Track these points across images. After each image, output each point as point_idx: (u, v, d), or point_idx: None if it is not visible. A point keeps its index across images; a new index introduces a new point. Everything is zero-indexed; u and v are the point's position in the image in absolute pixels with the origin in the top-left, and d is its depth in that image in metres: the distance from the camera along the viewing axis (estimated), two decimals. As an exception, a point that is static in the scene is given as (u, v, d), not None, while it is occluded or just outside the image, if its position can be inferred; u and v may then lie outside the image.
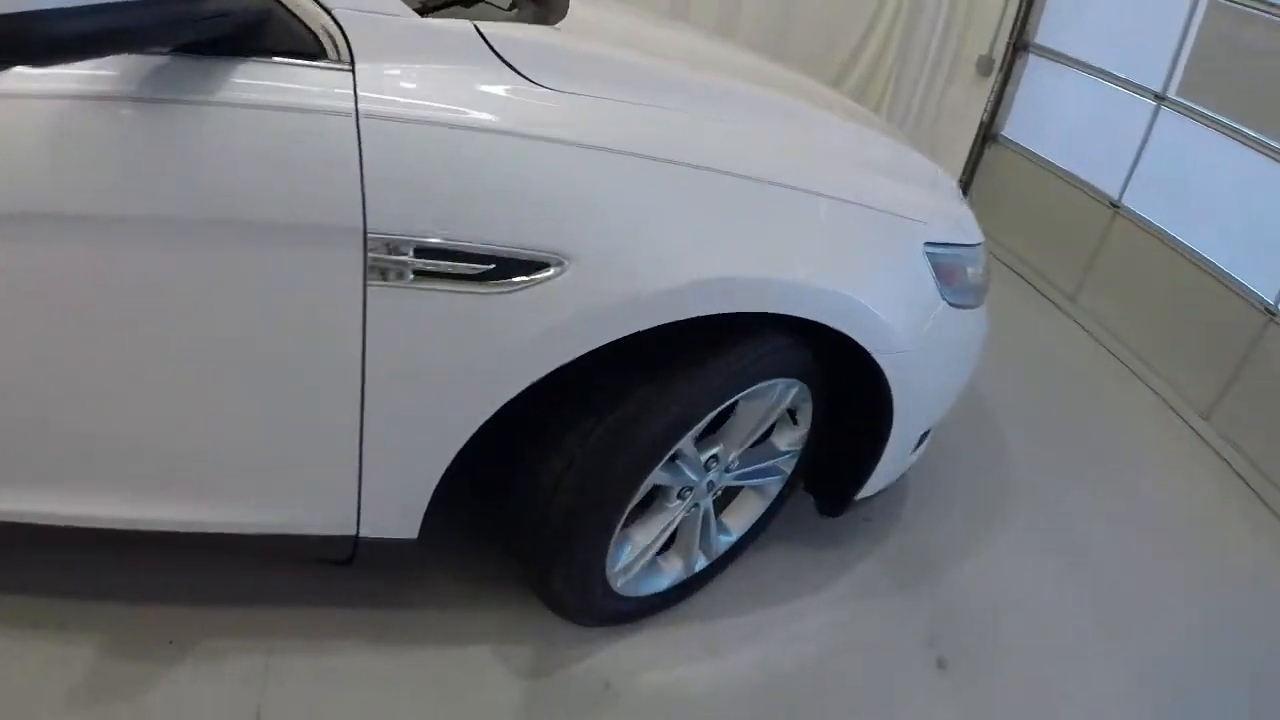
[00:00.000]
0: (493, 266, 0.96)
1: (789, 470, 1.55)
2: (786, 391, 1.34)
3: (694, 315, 1.06)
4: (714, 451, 1.35)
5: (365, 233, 0.91)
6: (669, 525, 1.39)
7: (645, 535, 1.37)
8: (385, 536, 1.18)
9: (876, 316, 1.24)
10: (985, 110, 3.74)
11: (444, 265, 0.95)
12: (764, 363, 1.22)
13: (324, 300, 0.96)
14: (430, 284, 0.96)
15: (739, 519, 1.58)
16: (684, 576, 1.50)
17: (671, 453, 1.21)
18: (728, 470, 1.42)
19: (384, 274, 0.94)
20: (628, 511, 1.24)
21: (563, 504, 1.18)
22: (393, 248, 0.93)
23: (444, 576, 1.51)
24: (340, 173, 0.88)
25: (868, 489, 1.57)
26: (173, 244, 0.92)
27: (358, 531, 1.16)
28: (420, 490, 1.13)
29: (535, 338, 1.01)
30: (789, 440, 1.49)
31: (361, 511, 1.14)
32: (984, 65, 3.75)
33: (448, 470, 1.11)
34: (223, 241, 0.92)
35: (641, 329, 1.04)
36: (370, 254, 0.93)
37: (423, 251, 0.93)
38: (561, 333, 1.02)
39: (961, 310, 1.43)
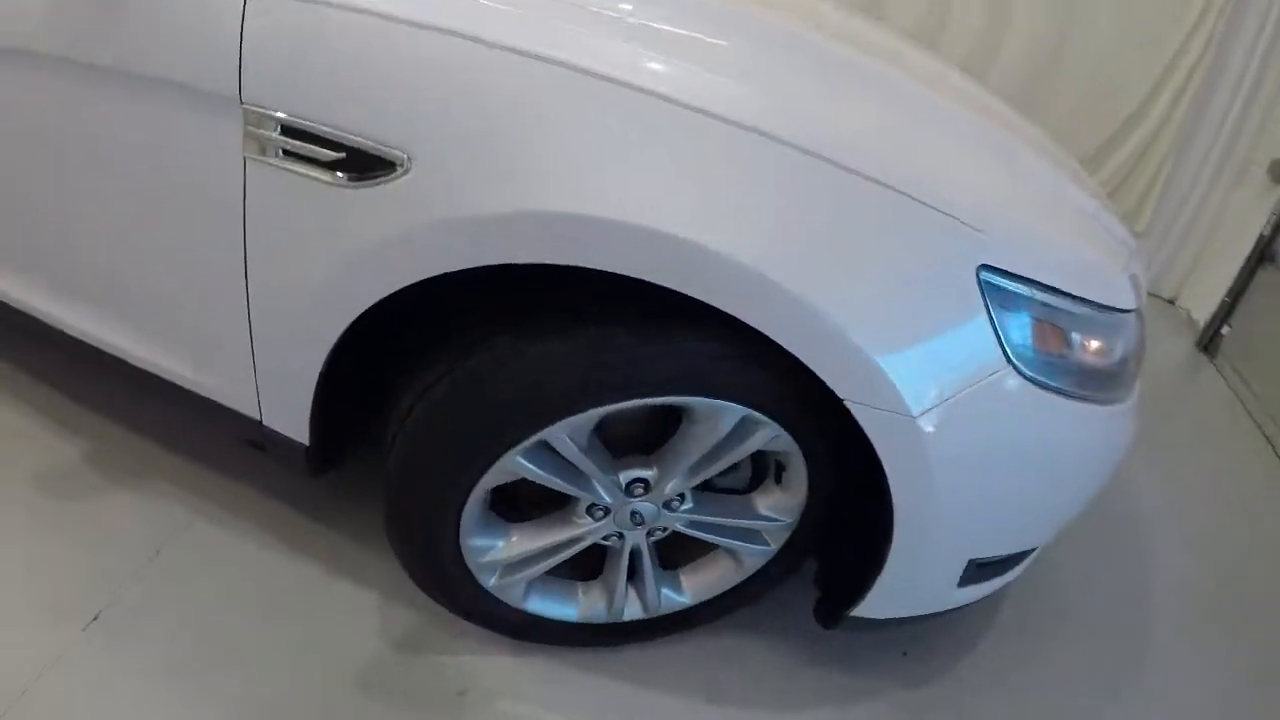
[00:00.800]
0: (343, 156, 0.90)
1: (775, 544, 1.23)
2: (750, 428, 1.06)
3: (531, 260, 0.88)
4: (643, 474, 1.11)
5: (241, 103, 0.92)
6: (571, 542, 1.17)
7: (531, 538, 1.17)
8: (282, 432, 1.16)
9: (841, 333, 0.88)
10: (1268, 224, 2.99)
11: (303, 147, 0.92)
12: (678, 365, 0.96)
13: (211, 163, 0.98)
14: (294, 166, 0.93)
15: (698, 581, 1.30)
16: (606, 619, 1.27)
17: (536, 441, 1.01)
18: (669, 507, 1.16)
19: (262, 148, 0.94)
20: (476, 490, 1.05)
21: (400, 451, 1.05)
22: (263, 122, 0.92)
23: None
24: (224, 41, 0.90)
25: (871, 608, 1.20)
26: (89, 87, 1.01)
27: (261, 416, 1.16)
28: (301, 388, 1.09)
29: (379, 244, 0.92)
30: (773, 504, 1.20)
31: (260, 395, 1.14)
32: (1276, 171, 3.02)
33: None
34: (133, 91, 0.98)
35: (487, 263, 0.89)
36: (248, 126, 0.93)
37: (288, 131, 0.92)
38: (405, 244, 0.91)
39: (1055, 396, 0.99)
